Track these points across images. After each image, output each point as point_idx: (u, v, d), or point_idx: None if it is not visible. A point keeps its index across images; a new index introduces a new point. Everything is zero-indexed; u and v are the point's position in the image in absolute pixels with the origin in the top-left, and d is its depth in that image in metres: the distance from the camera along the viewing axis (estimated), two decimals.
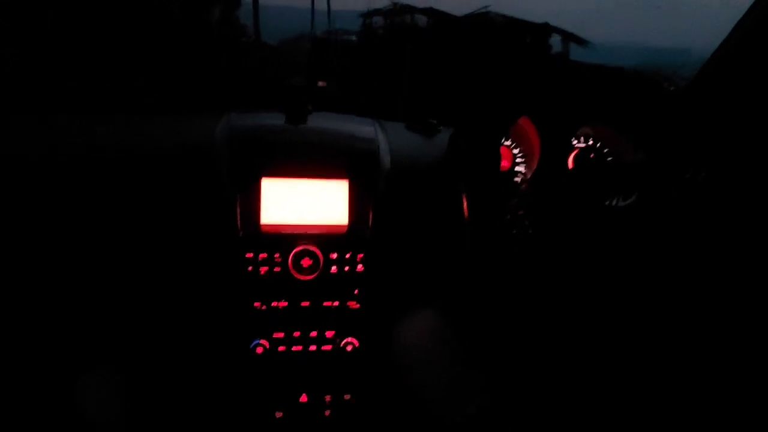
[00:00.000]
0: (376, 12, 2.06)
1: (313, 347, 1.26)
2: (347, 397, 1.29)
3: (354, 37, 2.40)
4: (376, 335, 1.30)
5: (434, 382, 1.34)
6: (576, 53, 2.23)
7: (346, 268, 1.24)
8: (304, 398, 1.28)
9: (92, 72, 1.74)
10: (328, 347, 1.26)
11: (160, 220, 1.24)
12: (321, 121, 1.34)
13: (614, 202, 1.29)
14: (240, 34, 2.32)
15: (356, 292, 1.26)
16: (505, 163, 1.38)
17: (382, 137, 1.35)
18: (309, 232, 1.24)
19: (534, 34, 2.08)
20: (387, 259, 1.29)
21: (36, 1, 1.70)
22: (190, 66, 1.97)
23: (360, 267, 1.25)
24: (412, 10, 1.98)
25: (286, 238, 1.22)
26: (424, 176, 1.33)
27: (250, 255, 1.21)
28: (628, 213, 1.27)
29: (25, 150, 1.21)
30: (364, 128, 1.36)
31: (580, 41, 2.23)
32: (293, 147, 1.28)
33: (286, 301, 1.24)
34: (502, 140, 1.36)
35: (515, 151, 1.39)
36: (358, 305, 1.27)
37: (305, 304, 1.25)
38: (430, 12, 1.97)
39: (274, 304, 1.23)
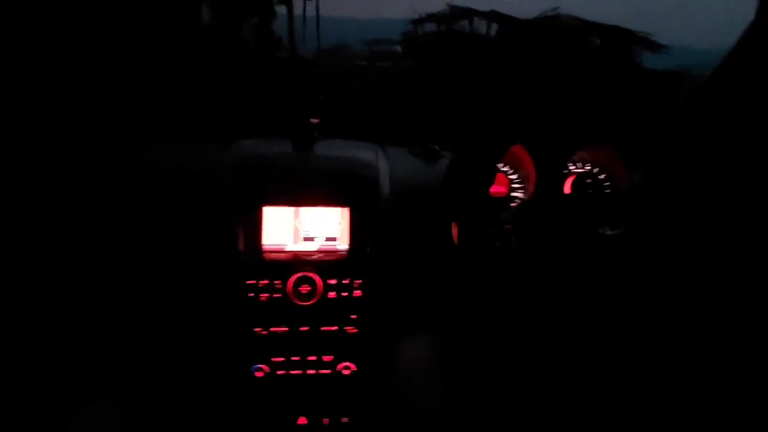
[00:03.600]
0: (429, 17, 1.81)
1: (311, 371, 1.30)
2: (345, 420, 1.31)
3: (399, 48, 2.19)
4: (374, 359, 1.34)
5: (430, 406, 1.38)
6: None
7: (345, 294, 1.29)
8: (302, 421, 1.30)
9: (114, 91, 1.62)
10: (326, 371, 1.30)
11: (164, 246, 1.30)
12: (326, 149, 1.39)
13: (603, 231, 1.34)
14: (274, 47, 2.14)
15: (354, 317, 1.30)
16: (501, 189, 1.44)
17: (384, 164, 1.39)
18: (309, 258, 1.29)
19: (606, 39, 1.82)
20: (385, 285, 1.33)
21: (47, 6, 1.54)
22: (215, 84, 1.83)
23: (358, 293, 1.29)
24: (472, 13, 1.74)
25: (286, 265, 1.27)
26: (423, 202, 1.37)
27: (251, 282, 1.26)
28: (615, 241, 1.32)
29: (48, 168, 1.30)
30: (366, 155, 1.39)
31: (656, 46, 1.97)
32: (294, 176, 1.33)
33: (285, 326, 1.29)
34: (498, 166, 1.42)
35: (513, 176, 1.44)
36: (356, 330, 1.30)
37: (304, 328, 1.29)
38: (493, 16, 1.72)
39: (273, 329, 1.28)
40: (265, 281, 1.26)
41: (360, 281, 1.29)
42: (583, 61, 1.88)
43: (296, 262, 1.28)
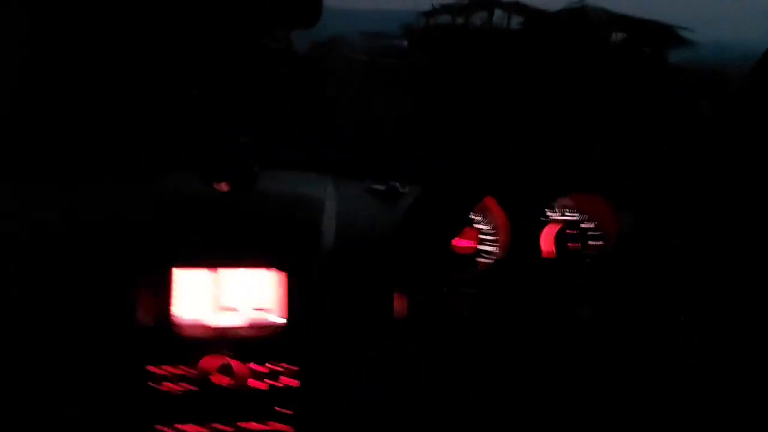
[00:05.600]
0: (445, 9, 1.64)
1: None
2: None
3: (405, 43, 2.02)
4: None
5: None
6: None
7: (276, 383, 1.00)
8: None
9: None
10: None
11: (47, 312, 1.01)
12: (268, 185, 1.10)
13: (579, 312, 1.10)
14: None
15: (289, 413, 1.01)
16: (469, 243, 1.16)
17: (331, 205, 1.14)
18: (229, 335, 1.01)
19: (638, 33, 1.67)
20: (328, 369, 1.05)
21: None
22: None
23: (293, 382, 1.01)
24: (493, 4, 1.56)
25: (198, 344, 0.99)
26: (376, 256, 1.08)
27: (151, 366, 0.98)
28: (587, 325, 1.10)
29: None
30: (311, 194, 1.14)
31: (686, 43, 1.84)
32: (211, 227, 1.04)
33: (196, 425, 1.00)
34: (467, 218, 1.15)
35: (483, 226, 1.18)
36: (291, 429, 1.02)
37: (224, 428, 1.00)
38: (516, 7, 1.55)
39: (181, 427, 0.99)
40: (170, 366, 0.99)
41: (295, 367, 1.01)
42: (610, 57, 1.73)
43: (212, 340, 1.00)
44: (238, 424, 1.01)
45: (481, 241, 1.17)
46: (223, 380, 0.98)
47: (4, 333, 1.02)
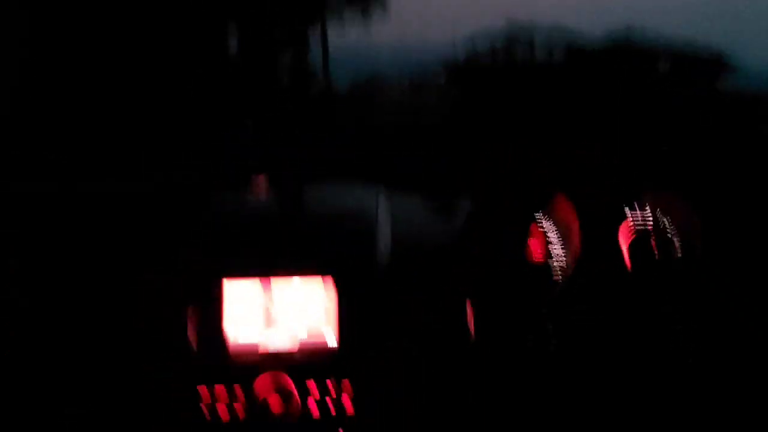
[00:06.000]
0: (485, 37, 1.64)
1: None
2: None
3: (442, 80, 2.02)
4: None
5: None
6: None
7: (329, 401, 0.95)
8: None
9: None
10: None
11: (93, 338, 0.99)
12: (317, 196, 1.10)
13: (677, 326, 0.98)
14: (309, 80, 1.97)
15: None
16: (535, 255, 1.07)
17: (385, 216, 1.09)
18: (282, 352, 0.96)
19: (682, 61, 1.64)
20: (386, 388, 0.97)
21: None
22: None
23: (347, 400, 0.95)
24: (533, 30, 1.55)
25: (251, 363, 0.95)
26: (432, 269, 1.02)
27: (203, 387, 0.93)
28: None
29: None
30: (362, 205, 1.09)
31: (730, 69, 1.80)
32: (266, 237, 1.02)
33: None
34: (532, 223, 1.07)
35: (551, 235, 1.09)
36: None
37: None
38: (559, 32, 1.54)
39: None
40: (222, 387, 0.94)
41: (350, 384, 0.96)
42: (656, 85, 1.70)
43: (265, 359, 0.96)
44: None
45: (549, 248, 1.08)
46: (278, 400, 0.93)
47: (72, 340, 1.01)
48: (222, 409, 0.95)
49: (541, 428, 1.03)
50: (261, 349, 0.97)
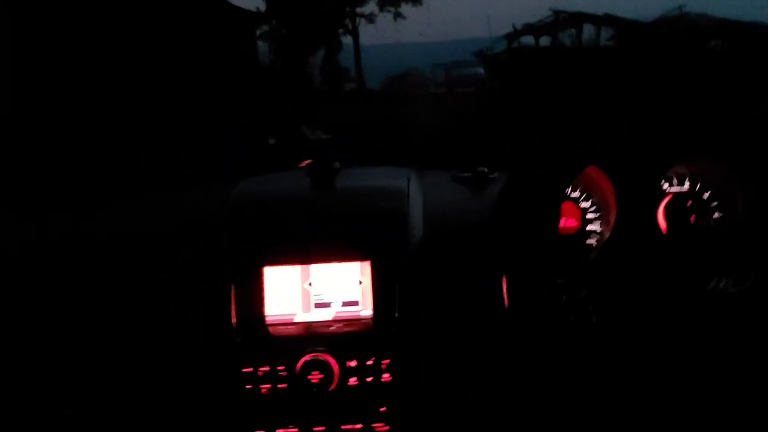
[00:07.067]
0: (529, 29, 1.56)
1: None
2: None
3: (481, 70, 1.96)
4: None
5: None
6: None
7: (369, 379, 0.97)
8: None
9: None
10: None
11: (153, 315, 1.02)
12: (348, 181, 1.11)
13: (721, 285, 0.95)
14: (342, 79, 1.93)
15: (383, 409, 0.98)
16: (571, 222, 1.10)
17: (417, 195, 1.10)
18: (321, 332, 1.01)
19: (738, 39, 1.54)
20: (421, 363, 1.01)
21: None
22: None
23: (387, 376, 0.98)
24: (582, 18, 1.47)
25: (292, 344, 0.98)
26: (467, 244, 1.03)
27: (248, 369, 0.97)
28: (740, 303, 0.94)
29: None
30: (394, 186, 1.10)
31: None
32: (300, 224, 1.04)
33: (295, 426, 0.98)
34: (565, 194, 1.08)
35: (585, 205, 1.10)
36: (387, 427, 0.99)
37: (319, 430, 0.98)
38: (608, 20, 1.45)
39: (279, 431, 0.98)
40: (266, 368, 0.97)
41: (388, 360, 0.98)
42: (708, 65, 1.60)
43: (306, 339, 0.99)
44: (334, 423, 0.99)
45: (585, 221, 1.09)
46: (317, 376, 0.95)
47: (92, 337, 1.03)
48: (265, 388, 0.98)
49: (586, 400, 1.04)
50: (301, 332, 1.01)
